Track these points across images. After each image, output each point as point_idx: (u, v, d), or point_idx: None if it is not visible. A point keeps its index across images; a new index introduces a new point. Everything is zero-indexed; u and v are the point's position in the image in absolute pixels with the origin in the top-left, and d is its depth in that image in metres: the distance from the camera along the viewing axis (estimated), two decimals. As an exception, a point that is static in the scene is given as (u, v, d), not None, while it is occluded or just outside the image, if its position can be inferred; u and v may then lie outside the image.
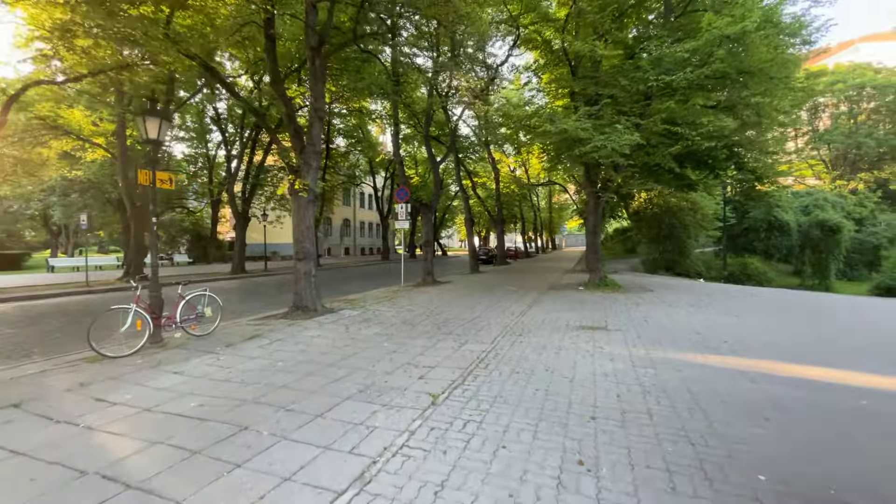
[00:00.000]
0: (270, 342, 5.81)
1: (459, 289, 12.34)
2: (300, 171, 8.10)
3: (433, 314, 7.96)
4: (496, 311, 8.33)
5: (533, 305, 8.97)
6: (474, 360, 4.82)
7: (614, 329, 6.46)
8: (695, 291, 11.58)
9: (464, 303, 9.40)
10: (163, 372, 4.50)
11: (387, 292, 11.76)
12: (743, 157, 13.51)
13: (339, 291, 13.04)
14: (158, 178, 5.81)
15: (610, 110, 8.72)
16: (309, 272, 8.07)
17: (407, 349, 5.36)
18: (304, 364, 4.73)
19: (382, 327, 6.76)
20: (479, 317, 7.67)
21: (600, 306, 8.69)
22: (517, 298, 10.09)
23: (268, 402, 3.59)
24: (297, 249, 8.09)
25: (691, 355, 4.97)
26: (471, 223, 20.50)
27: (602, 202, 12.20)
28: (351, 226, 47.29)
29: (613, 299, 9.67)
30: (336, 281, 16.92)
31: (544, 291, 11.42)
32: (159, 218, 35.53)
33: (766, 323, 7.17)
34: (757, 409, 3.39)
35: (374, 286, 14.45)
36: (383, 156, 34.86)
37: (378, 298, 10.33)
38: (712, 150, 12.95)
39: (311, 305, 8.01)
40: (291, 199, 8.28)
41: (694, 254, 21.06)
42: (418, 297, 10.43)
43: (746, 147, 13.38)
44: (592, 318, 7.37)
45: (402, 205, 13.50)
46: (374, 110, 25.76)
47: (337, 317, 7.71)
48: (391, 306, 8.99)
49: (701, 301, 9.42)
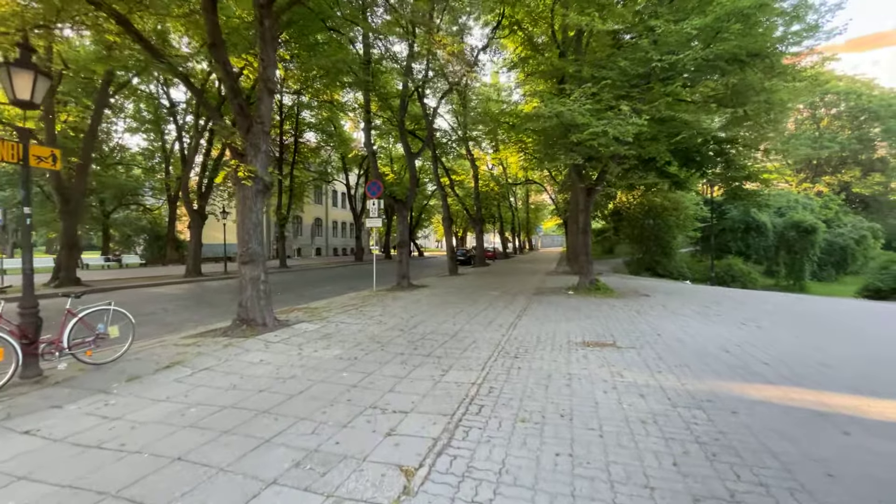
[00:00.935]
0: (193, 372, 4.41)
1: (438, 294, 11.12)
2: (246, 155, 6.68)
3: (408, 327, 6.70)
4: (481, 322, 7.15)
5: (522, 314, 7.84)
6: (462, 400, 3.60)
7: (626, 347, 5.39)
8: (695, 296, 10.76)
9: (443, 312, 8.18)
10: (7, 432, 3.07)
11: (356, 298, 10.40)
12: (733, 154, 12.90)
13: (302, 297, 11.58)
14: (35, 155, 4.29)
15: (608, 94, 7.71)
16: (257, 279, 6.65)
17: (373, 381, 4.09)
18: (227, 412, 3.39)
19: (345, 347, 5.45)
20: (463, 330, 6.46)
21: (599, 315, 7.65)
22: (503, 306, 8.95)
23: (138, 500, 2.25)
24: (242, 251, 6.66)
25: (737, 386, 3.93)
26: (449, 222, 19.32)
27: (593, 198, 11.24)
28: (323, 225, 45.29)
29: (610, 306, 8.67)
30: (301, 284, 15.37)
31: (531, 296, 10.35)
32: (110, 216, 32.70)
33: (795, 335, 6.26)
34: (889, 489, 2.33)
35: (344, 290, 13.03)
36: (356, 151, 33.22)
37: (345, 306, 8.98)
38: (702, 146, 12.26)
39: (260, 319, 6.60)
40: (236, 189, 6.84)
41: (678, 255, 20.60)
42: (391, 305, 9.14)
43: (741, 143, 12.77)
44: (595, 331, 6.30)
45: (375, 201, 12.16)
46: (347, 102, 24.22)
47: (291, 332, 6.33)
48: (359, 317, 7.67)
49: (708, 308, 8.54)
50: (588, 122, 7.29)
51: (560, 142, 8.25)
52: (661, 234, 19.09)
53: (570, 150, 7.90)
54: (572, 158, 7.94)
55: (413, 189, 12.97)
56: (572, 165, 11.33)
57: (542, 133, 8.80)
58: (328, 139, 32.02)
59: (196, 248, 18.80)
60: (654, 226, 18.93)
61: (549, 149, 9.11)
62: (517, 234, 55.66)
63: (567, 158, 8.08)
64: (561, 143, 8.20)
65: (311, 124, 29.86)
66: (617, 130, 7.22)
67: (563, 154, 8.31)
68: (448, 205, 19.76)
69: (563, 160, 8.11)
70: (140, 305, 10.08)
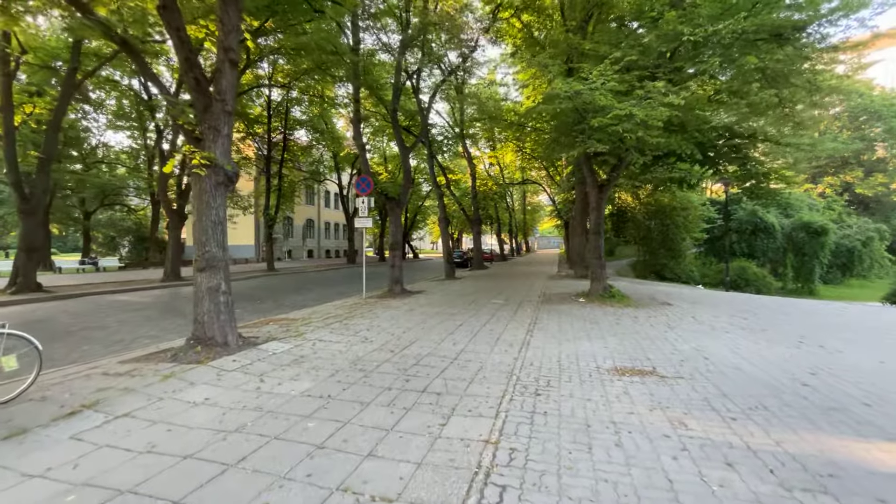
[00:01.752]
0: (104, 422, 3.26)
1: (434, 302, 10.00)
2: (203, 139, 5.54)
3: (399, 347, 5.57)
4: (486, 339, 6.04)
5: (533, 329, 6.74)
6: (474, 475, 2.48)
7: (672, 376, 4.30)
8: (722, 305, 9.69)
9: (441, 325, 7.05)
10: None
11: (342, 307, 9.26)
12: (751, 150, 11.92)
13: (282, 305, 10.41)
14: None
15: (630, 76, 6.64)
16: (216, 289, 5.49)
17: (347, 438, 2.97)
18: (119, 501, 2.25)
19: (318, 378, 4.31)
20: (465, 352, 5.35)
21: (622, 330, 6.56)
22: (509, 317, 7.85)
23: None
24: (199, 255, 5.51)
25: (853, 445, 2.84)
26: (446, 223, 18.21)
27: (606, 196, 10.19)
28: (315, 226, 44.03)
29: (632, 318, 7.59)
30: (285, 290, 14.19)
31: (539, 305, 9.26)
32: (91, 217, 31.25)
33: (879, 360, 5.16)
34: None
35: (331, 297, 11.89)
36: (348, 150, 32.03)
37: (328, 318, 7.83)
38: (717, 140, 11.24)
39: (220, 337, 5.44)
40: (192, 181, 5.68)
41: (688, 257, 19.62)
42: (381, 316, 8.01)
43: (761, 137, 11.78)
44: (626, 353, 5.20)
45: (365, 199, 11.02)
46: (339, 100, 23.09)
47: (255, 355, 5.18)
48: (342, 332, 6.53)
49: (746, 320, 7.44)
50: (610, 103, 6.22)
51: (576, 128, 7.14)
52: (669, 236, 18.10)
53: (590, 137, 6.80)
54: (590, 146, 6.81)
55: (407, 186, 11.86)
56: (582, 159, 10.28)
57: (557, 118, 7.68)
58: (320, 137, 30.84)
59: (175, 250, 17.56)
60: (662, 227, 17.93)
61: (565, 136, 7.96)
62: (514, 235, 54.70)
63: (584, 147, 6.96)
64: (577, 129, 7.09)
65: (301, 121, 28.66)
66: (645, 113, 6.15)
67: (580, 143, 7.19)
68: (444, 205, 18.69)
69: (580, 148, 6.98)
70: (94, 316, 8.87)
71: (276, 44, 19.50)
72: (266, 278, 19.75)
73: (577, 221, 16.58)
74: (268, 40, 19.47)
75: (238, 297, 12.71)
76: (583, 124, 6.85)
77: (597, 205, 10.09)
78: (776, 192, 13.40)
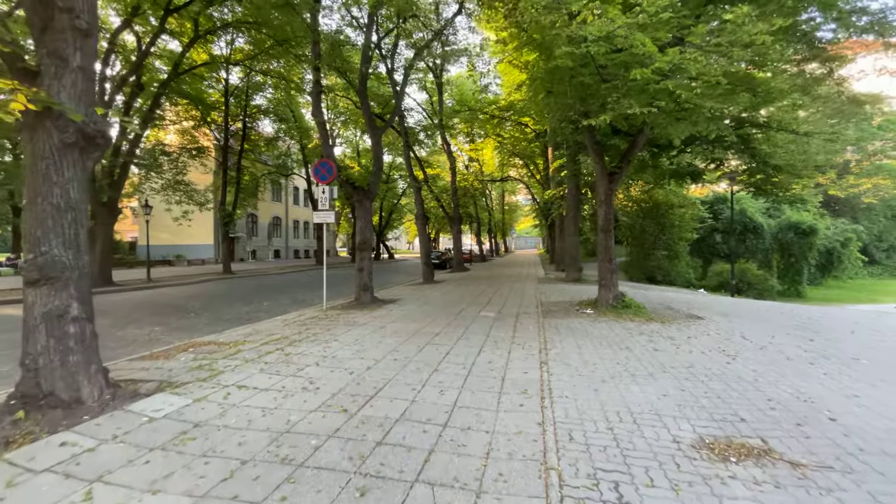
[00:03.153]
0: None
1: (411, 314, 8.10)
2: (41, 73, 3.46)
3: (358, 400, 3.65)
4: (488, 379, 4.20)
5: (547, 358, 4.95)
6: None
7: (813, 465, 2.58)
8: (761, 317, 8.14)
9: (421, 356, 5.16)
10: None
11: (294, 323, 7.23)
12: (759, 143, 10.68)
13: (219, 321, 8.27)
14: None
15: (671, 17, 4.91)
16: (60, 313, 3.41)
17: None
18: None
19: (196, 491, 2.36)
20: (460, 407, 3.49)
21: (668, 359, 4.86)
22: (509, 339, 6.04)
23: None
24: (29, 260, 3.42)
25: None
26: (423, 220, 16.32)
27: (616, 186, 8.55)
28: (282, 224, 41.19)
29: (668, 339, 5.90)
30: (232, 298, 11.94)
31: (541, 319, 7.50)
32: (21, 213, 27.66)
33: None
34: None
35: (285, 307, 9.81)
36: (317, 141, 29.57)
37: (268, 342, 5.81)
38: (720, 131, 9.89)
39: (67, 392, 3.39)
40: (23, 142, 3.58)
41: (686, 259, 18.43)
42: (341, 338, 6.05)
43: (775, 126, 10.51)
44: (699, 404, 3.48)
45: (325, 188, 9.01)
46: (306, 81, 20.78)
47: (114, 428, 3.15)
48: (279, 369, 4.55)
49: (815, 343, 5.78)
50: (652, 51, 4.50)
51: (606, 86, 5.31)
52: (665, 236, 16.85)
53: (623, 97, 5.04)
54: (623, 108, 4.98)
55: (378, 174, 9.89)
56: (588, 143, 8.62)
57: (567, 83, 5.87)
58: (286, 128, 28.30)
59: (105, 250, 14.93)
60: (657, 226, 16.65)
61: (575, 106, 6.12)
62: (493, 235, 53.37)
63: (615, 111, 5.10)
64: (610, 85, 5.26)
65: (265, 110, 26.06)
66: (699, 67, 4.45)
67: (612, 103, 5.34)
68: (422, 199, 16.79)
69: (613, 111, 5.16)
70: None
71: (233, 18, 17.20)
72: (216, 283, 17.29)
73: (570, 219, 15.00)
74: (224, 11, 17.14)
75: (166, 308, 10.29)
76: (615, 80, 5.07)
77: (606, 197, 8.43)
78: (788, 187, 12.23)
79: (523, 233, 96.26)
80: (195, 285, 16.22)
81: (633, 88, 4.95)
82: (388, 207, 40.01)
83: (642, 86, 4.80)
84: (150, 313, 9.32)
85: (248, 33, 18.28)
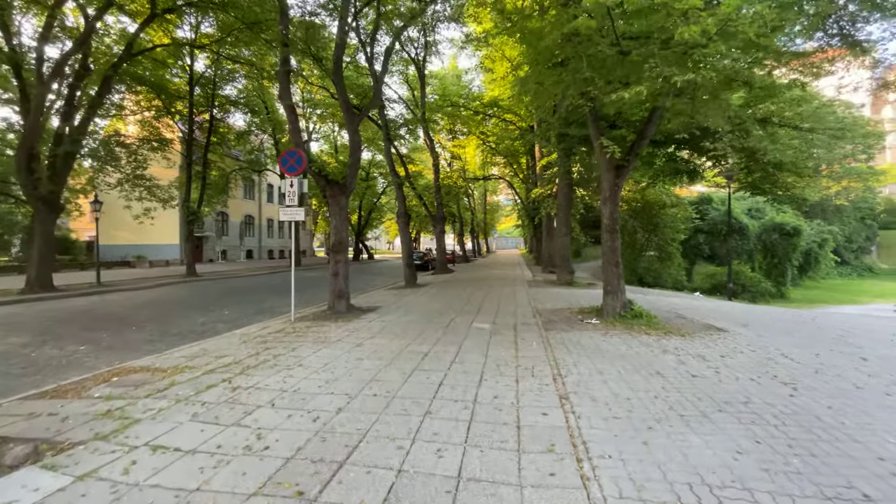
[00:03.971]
0: None
1: (393, 329, 7.00)
2: None
3: (324, 463, 2.55)
4: (499, 426, 3.17)
5: (566, 390, 3.97)
6: None
7: None
8: (787, 327, 7.40)
9: (408, 388, 4.09)
10: None
11: (253, 340, 6.04)
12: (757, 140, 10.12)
13: (167, 335, 6.99)
14: None
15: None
16: None
17: None
18: None
19: None
20: (467, 484, 2.44)
21: (714, 389, 3.94)
22: (511, 359, 5.03)
23: None
24: None
25: None
26: (405, 219, 15.20)
27: (623, 180, 7.69)
28: (255, 223, 39.22)
29: (700, 359, 5.01)
30: (188, 306, 10.56)
31: (543, 333, 6.53)
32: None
33: None
34: None
35: (249, 317, 8.59)
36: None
37: (215, 370, 4.62)
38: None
39: None
40: None
41: (678, 260, 17.91)
42: (307, 363, 4.92)
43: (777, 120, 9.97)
44: (795, 469, 2.54)
45: (294, 180, 7.81)
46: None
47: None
48: (219, 415, 3.40)
49: (870, 362, 5.05)
50: (696, 3, 3.56)
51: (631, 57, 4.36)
52: (656, 237, 16.28)
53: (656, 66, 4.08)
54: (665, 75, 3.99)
55: (355, 166, 8.75)
56: (593, 133, 7.75)
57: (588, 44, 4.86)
58: (260, 122, 26.60)
59: (44, 249, 13.23)
60: (649, 226, 16.05)
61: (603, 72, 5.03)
62: (475, 235, 52.60)
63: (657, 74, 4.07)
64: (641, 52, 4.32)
65: (235, 101, 24.34)
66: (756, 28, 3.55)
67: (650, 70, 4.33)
68: (404, 197, 15.67)
69: (648, 80, 4.18)
70: None
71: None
72: (176, 287, 15.72)
73: (561, 218, 14.17)
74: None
75: (106, 319, 8.56)
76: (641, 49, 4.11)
77: (611, 193, 7.55)
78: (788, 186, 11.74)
79: (504, 233, 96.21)
80: (151, 290, 14.64)
81: (668, 57, 4.02)
82: (367, 206, 38.61)
83: (680, 54, 3.88)
84: (82, 327, 7.89)
85: (214, 14, 16.75)
